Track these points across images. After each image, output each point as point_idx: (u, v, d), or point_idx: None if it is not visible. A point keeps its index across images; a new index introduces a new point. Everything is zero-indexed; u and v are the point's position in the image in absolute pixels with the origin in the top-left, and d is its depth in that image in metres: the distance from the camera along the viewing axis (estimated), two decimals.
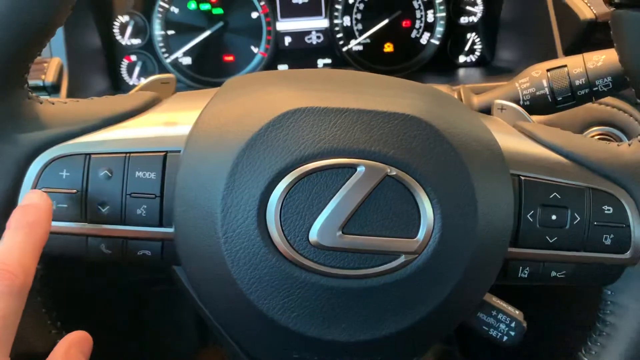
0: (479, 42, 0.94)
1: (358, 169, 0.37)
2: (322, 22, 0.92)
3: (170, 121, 0.42)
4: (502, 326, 0.44)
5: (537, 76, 0.55)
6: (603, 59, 0.53)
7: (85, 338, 0.42)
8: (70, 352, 0.39)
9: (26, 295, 0.35)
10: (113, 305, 0.94)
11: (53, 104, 0.42)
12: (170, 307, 0.99)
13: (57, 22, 0.39)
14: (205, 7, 0.89)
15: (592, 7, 0.71)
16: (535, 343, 0.68)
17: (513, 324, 0.44)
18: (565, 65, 0.54)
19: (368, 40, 0.92)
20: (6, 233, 0.37)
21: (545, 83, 0.54)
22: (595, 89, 0.53)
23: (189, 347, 1.03)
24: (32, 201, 0.38)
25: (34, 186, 0.40)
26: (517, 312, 0.45)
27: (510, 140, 0.43)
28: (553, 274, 0.43)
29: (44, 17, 0.37)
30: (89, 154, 0.40)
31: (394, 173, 0.37)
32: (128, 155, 0.40)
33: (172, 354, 1.02)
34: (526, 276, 0.43)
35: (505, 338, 0.45)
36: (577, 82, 0.53)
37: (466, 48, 0.94)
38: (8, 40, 0.37)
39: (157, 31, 0.90)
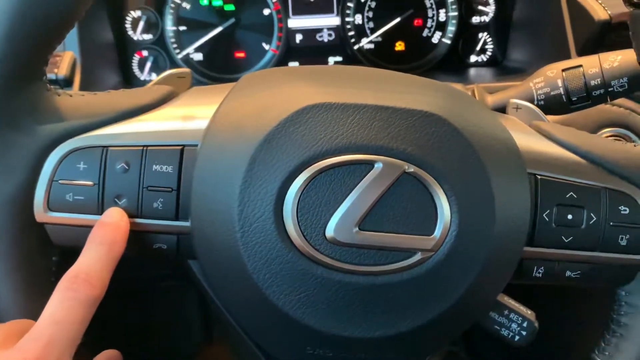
0: (491, 42, 0.94)
1: (375, 165, 0.37)
2: (333, 20, 0.92)
3: (188, 115, 0.42)
4: (514, 326, 0.44)
5: (552, 76, 0.54)
6: (619, 60, 0.52)
7: (118, 356, 0.45)
8: None
9: (96, 308, 0.37)
10: (119, 301, 0.94)
11: (71, 96, 0.42)
12: (175, 303, 0.99)
13: (78, 14, 0.39)
14: (217, 3, 0.89)
15: (606, 8, 0.71)
16: (548, 343, 0.68)
17: (525, 324, 0.44)
18: (580, 65, 0.54)
19: (379, 39, 0.92)
20: (89, 246, 0.39)
21: (560, 83, 0.54)
22: (610, 89, 0.53)
23: (194, 343, 1.03)
24: (113, 219, 0.40)
25: (52, 178, 0.40)
26: (529, 312, 0.45)
27: (527, 139, 0.43)
28: (568, 273, 0.43)
29: (65, 9, 0.38)
30: (107, 147, 0.41)
31: (412, 170, 0.37)
32: (145, 148, 0.41)
33: (177, 350, 1.02)
34: (540, 276, 0.43)
35: (517, 338, 0.44)
36: (593, 83, 0.53)
37: (477, 48, 0.94)
38: (29, 31, 0.37)
39: (169, 27, 0.90)
